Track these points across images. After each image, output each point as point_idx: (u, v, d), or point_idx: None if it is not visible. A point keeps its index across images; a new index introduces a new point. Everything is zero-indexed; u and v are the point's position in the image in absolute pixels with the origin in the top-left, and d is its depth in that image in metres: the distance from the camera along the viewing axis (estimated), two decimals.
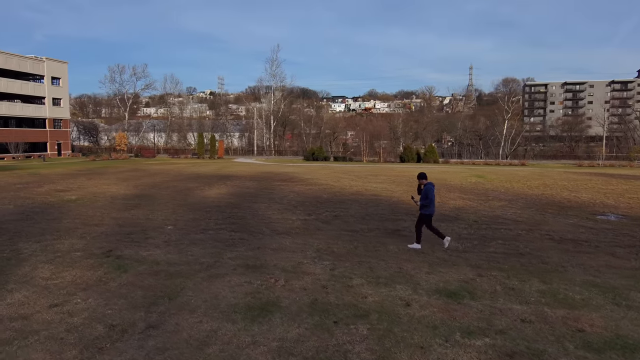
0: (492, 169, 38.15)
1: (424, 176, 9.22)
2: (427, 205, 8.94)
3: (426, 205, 8.95)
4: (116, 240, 9.44)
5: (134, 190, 18.90)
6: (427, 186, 9.01)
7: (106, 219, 12.01)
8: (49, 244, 9.05)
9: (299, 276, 7.11)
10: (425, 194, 8.94)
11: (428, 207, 8.96)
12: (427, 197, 8.90)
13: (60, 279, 6.90)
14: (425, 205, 8.97)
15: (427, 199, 8.90)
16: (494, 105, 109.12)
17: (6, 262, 7.80)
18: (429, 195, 8.89)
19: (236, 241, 9.49)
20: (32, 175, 27.10)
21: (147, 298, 6.15)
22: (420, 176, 9.23)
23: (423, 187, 9.09)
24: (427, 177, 9.27)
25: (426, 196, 8.92)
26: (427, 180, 9.19)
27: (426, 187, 9.00)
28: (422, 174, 9.30)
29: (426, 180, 9.17)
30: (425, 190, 8.97)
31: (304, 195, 17.65)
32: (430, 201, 8.89)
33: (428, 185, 9.02)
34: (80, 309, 5.72)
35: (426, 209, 8.98)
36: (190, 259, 8.07)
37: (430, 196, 8.90)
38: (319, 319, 5.49)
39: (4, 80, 52.30)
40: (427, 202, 8.91)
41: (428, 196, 8.89)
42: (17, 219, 11.81)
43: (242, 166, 39.57)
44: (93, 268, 7.45)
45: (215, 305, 5.91)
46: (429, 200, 8.89)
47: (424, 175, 9.25)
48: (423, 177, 9.20)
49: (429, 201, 8.89)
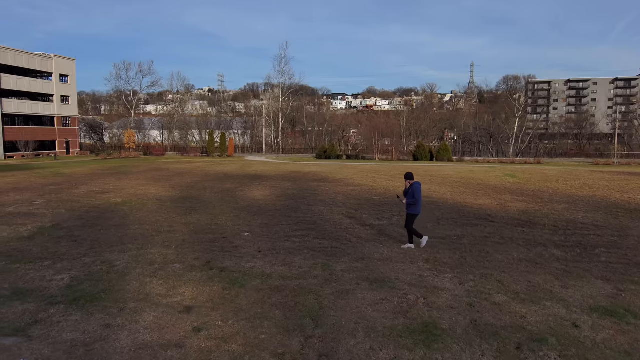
0: (516, 168, 37.74)
1: (411, 176, 9.44)
2: (413, 204, 9.15)
3: (412, 204, 9.15)
4: (205, 250, 8.94)
5: (174, 192, 18.35)
6: (414, 186, 9.21)
7: (174, 224, 11.48)
8: (137, 254, 8.53)
9: (433, 292, 6.64)
10: (412, 194, 9.13)
11: (415, 207, 9.17)
12: (413, 196, 9.12)
13: (180, 296, 6.40)
14: (411, 205, 9.17)
15: (413, 198, 9.11)
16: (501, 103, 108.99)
17: (106, 275, 7.29)
18: (415, 195, 9.09)
19: (331, 250, 9.00)
20: (57, 175, 26.46)
21: (290, 319, 5.66)
22: (407, 176, 9.45)
23: (410, 186, 9.27)
24: (414, 177, 9.49)
25: (412, 195, 9.13)
26: (414, 180, 9.39)
27: (413, 187, 9.20)
28: (409, 174, 9.53)
29: (413, 180, 9.38)
30: (412, 189, 9.17)
31: (353, 197, 17.16)
32: (416, 200, 9.11)
33: (415, 185, 9.21)
34: (230, 334, 5.23)
35: (412, 208, 9.19)
36: (300, 271, 7.58)
37: (417, 196, 9.10)
38: (496, 345, 5.03)
39: (13, 77, 51.40)
40: (413, 201, 9.13)
41: (414, 196, 9.10)
42: (80, 225, 11.27)
43: (261, 165, 38.99)
44: (206, 283, 6.94)
45: (371, 327, 5.44)
46: (415, 199, 9.10)
47: (411, 175, 9.47)
48: (410, 177, 9.42)
49: (415, 200, 9.10)
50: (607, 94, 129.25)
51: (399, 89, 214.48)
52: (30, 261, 8.01)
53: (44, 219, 12.16)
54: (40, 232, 10.41)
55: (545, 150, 67.50)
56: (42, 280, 7.03)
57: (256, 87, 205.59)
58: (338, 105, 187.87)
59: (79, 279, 7.06)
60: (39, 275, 7.22)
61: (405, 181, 9.46)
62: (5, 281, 6.96)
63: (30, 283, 6.90)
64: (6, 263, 7.87)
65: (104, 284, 6.84)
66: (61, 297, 6.33)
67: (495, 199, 16.78)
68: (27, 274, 7.32)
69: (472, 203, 15.84)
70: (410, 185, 9.27)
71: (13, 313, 5.76)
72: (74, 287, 6.73)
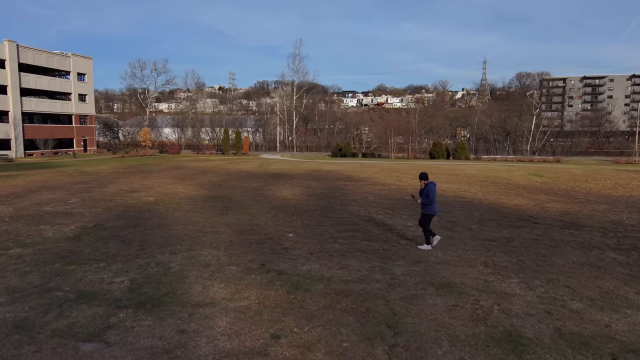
0: (538, 166, 37.18)
1: (426, 176, 9.41)
2: (428, 204, 9.11)
3: (427, 204, 9.11)
4: (255, 251, 8.81)
5: (202, 191, 18.29)
6: (428, 186, 9.17)
7: (216, 225, 11.38)
8: (188, 256, 8.43)
9: (504, 298, 6.43)
10: (427, 194, 9.09)
11: (430, 207, 9.13)
12: (427, 196, 9.07)
13: (246, 300, 6.27)
14: (426, 204, 9.13)
15: (428, 198, 9.07)
16: (514, 100, 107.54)
17: (164, 277, 7.19)
18: (430, 195, 9.04)
19: (383, 252, 8.82)
20: (82, 173, 26.60)
21: (365, 326, 5.50)
22: (422, 176, 9.43)
23: (425, 186, 9.24)
24: (428, 177, 9.45)
25: (427, 195, 9.08)
26: (428, 180, 9.35)
27: (427, 187, 9.16)
28: (423, 174, 9.50)
29: (427, 180, 9.34)
30: (427, 190, 9.13)
31: (385, 197, 16.95)
32: (431, 201, 9.06)
33: (430, 185, 9.17)
34: (310, 341, 5.08)
35: (428, 208, 9.15)
36: (360, 275, 7.42)
37: (432, 196, 9.05)
38: (590, 356, 4.82)
39: (32, 76, 51.95)
40: (428, 201, 9.08)
41: (429, 196, 9.05)
42: (122, 225, 11.22)
43: (279, 163, 38.89)
44: (268, 287, 6.81)
45: (452, 335, 5.26)
46: (429, 199, 9.05)
47: (426, 175, 9.44)
48: (425, 177, 9.39)
49: (430, 200, 9.05)
50: (624, 90, 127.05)
51: (409, 87, 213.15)
52: (84, 262, 7.94)
53: (83, 218, 12.14)
54: (85, 232, 10.37)
55: (563, 148, 66.48)
56: (102, 282, 6.96)
57: (266, 85, 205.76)
58: (349, 103, 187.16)
59: (139, 282, 6.97)
60: (97, 278, 7.15)
61: (420, 181, 9.45)
62: (66, 283, 6.90)
63: (91, 286, 6.82)
64: (61, 264, 7.81)
65: (166, 287, 6.74)
66: (126, 300, 6.24)
67: (530, 199, 16.46)
68: (85, 275, 7.25)
69: (508, 203, 15.54)
70: (425, 185, 9.28)
71: (84, 317, 5.68)
72: (135, 290, 6.64)
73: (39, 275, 7.23)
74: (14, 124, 49.60)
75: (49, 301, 6.17)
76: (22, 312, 5.79)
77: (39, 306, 6.00)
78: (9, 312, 5.78)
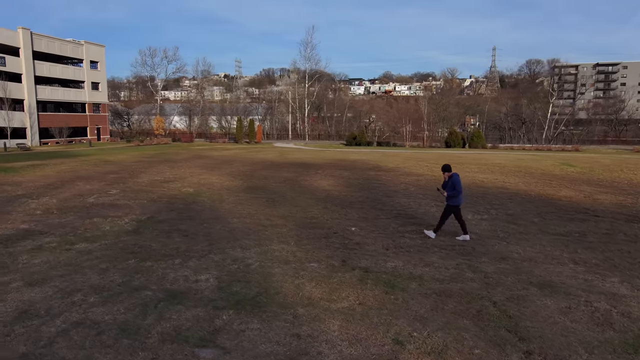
0: (564, 155, 36.62)
1: (449, 168, 9.27)
2: (454, 196, 9.01)
3: (454, 196, 9.01)
4: (327, 247, 8.52)
5: (237, 182, 18.00)
6: (453, 177, 9.06)
7: (271, 217, 11.10)
8: (261, 251, 8.15)
9: (615, 299, 6.11)
10: (453, 185, 8.99)
11: (456, 198, 9.03)
12: (454, 188, 8.96)
13: (346, 301, 5.99)
14: (452, 196, 9.03)
15: (454, 189, 8.95)
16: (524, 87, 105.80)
17: (249, 275, 6.91)
18: (457, 187, 8.94)
19: (460, 248, 8.50)
20: (106, 163, 26.39)
21: (486, 329, 5.21)
22: (445, 168, 9.30)
23: (448, 178, 9.14)
24: (451, 169, 9.31)
25: (453, 187, 8.97)
26: (451, 172, 9.23)
27: (453, 179, 9.05)
28: (446, 165, 9.35)
29: (451, 172, 9.22)
30: (452, 181, 9.02)
31: (426, 188, 16.59)
32: (457, 192, 8.96)
33: (454, 177, 9.06)
34: (439, 347, 4.79)
35: (454, 199, 9.05)
36: (450, 273, 7.11)
37: (458, 188, 8.95)
38: None
39: (46, 64, 51.58)
40: (454, 193, 8.97)
41: (455, 187, 8.95)
42: (177, 218, 10.96)
43: (298, 152, 38.54)
44: (361, 286, 6.52)
45: (584, 341, 4.95)
46: (456, 191, 8.95)
47: (449, 167, 9.30)
48: (448, 169, 9.25)
49: (457, 192, 8.95)
50: (637, 78, 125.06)
51: (416, 74, 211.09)
52: (158, 259, 7.68)
53: (133, 210, 11.89)
54: (143, 226, 10.12)
55: (579, 137, 65.62)
56: (187, 280, 6.69)
57: (272, 73, 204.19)
58: (356, 91, 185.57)
59: (224, 280, 6.70)
60: (180, 275, 6.89)
61: (444, 173, 9.30)
62: (149, 281, 6.64)
63: (176, 284, 6.56)
64: (136, 261, 7.56)
65: (256, 286, 6.46)
66: (221, 300, 5.97)
67: (576, 191, 16.05)
68: (166, 273, 6.99)
69: (556, 195, 15.15)
70: (449, 177, 9.14)
71: (186, 319, 5.42)
72: (225, 289, 6.37)
73: (118, 273, 6.98)
74: (29, 112, 49.39)
75: (141, 301, 5.92)
76: (119, 314, 5.54)
77: (134, 307, 5.74)
78: (107, 314, 5.54)
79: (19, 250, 8.16)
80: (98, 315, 5.49)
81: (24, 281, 6.59)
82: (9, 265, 7.30)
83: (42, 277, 6.78)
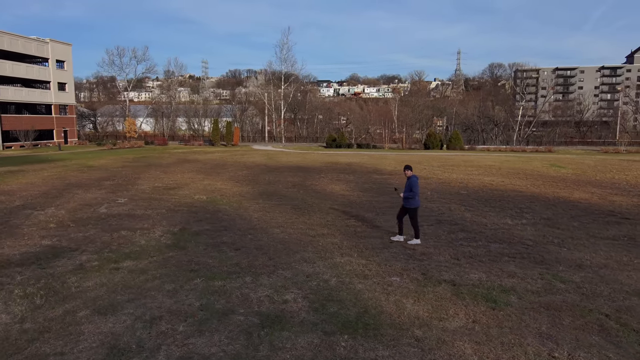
0: (545, 156, 37.76)
1: (411, 168, 9.18)
2: (411, 197, 8.88)
3: (410, 197, 8.88)
4: (394, 258, 8.12)
5: (245, 187, 17.29)
6: (411, 179, 8.91)
7: (313, 227, 10.56)
8: (329, 265, 7.64)
9: None
10: (410, 187, 8.86)
11: (413, 200, 8.90)
12: (411, 189, 8.85)
13: (458, 320, 5.61)
14: (409, 198, 8.89)
15: (411, 191, 8.84)
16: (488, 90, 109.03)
17: (334, 293, 6.41)
18: (413, 189, 8.82)
19: (529, 256, 8.30)
20: (91, 168, 24.86)
21: (624, 346, 4.98)
22: (407, 167, 9.18)
23: (407, 179, 9.01)
24: (412, 169, 9.21)
25: (410, 189, 8.85)
26: (412, 172, 9.12)
27: (410, 180, 8.90)
28: (409, 165, 9.28)
29: (411, 172, 9.09)
30: (410, 183, 8.87)
31: (446, 192, 16.48)
32: (414, 194, 8.84)
33: (413, 178, 8.92)
34: None
35: (411, 201, 8.92)
36: (540, 284, 6.86)
37: (415, 189, 8.83)
38: None
39: (9, 63, 48.45)
40: (411, 194, 8.85)
41: (412, 189, 8.83)
42: (212, 229, 10.23)
43: (285, 155, 37.84)
44: (460, 302, 6.17)
45: None
46: (413, 193, 8.83)
47: (410, 167, 9.22)
48: (409, 168, 9.16)
49: (413, 194, 8.83)
50: (593, 82, 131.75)
51: (382, 76, 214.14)
52: (225, 276, 7.04)
53: (156, 221, 11.06)
54: (181, 239, 9.36)
55: (548, 138, 68.13)
56: (272, 301, 6.12)
57: (238, 74, 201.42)
58: (325, 93, 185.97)
59: (313, 299, 6.18)
60: (262, 296, 6.30)
61: (405, 171, 9.15)
62: (233, 304, 6.02)
63: (263, 306, 5.98)
64: (202, 280, 6.89)
65: (351, 305, 5.98)
66: (324, 323, 5.46)
67: (587, 192, 16.37)
68: (245, 293, 6.39)
69: (571, 197, 15.38)
70: (407, 178, 8.99)
71: (302, 347, 4.87)
72: (320, 310, 5.85)
73: (191, 295, 6.31)
74: None
75: (238, 328, 5.32)
76: (225, 345, 4.93)
77: (236, 336, 5.14)
78: (211, 346, 4.91)
79: (61, 271, 7.31)
80: (202, 348, 4.87)
81: (91, 309, 5.83)
82: (60, 290, 6.48)
83: (107, 303, 6.03)
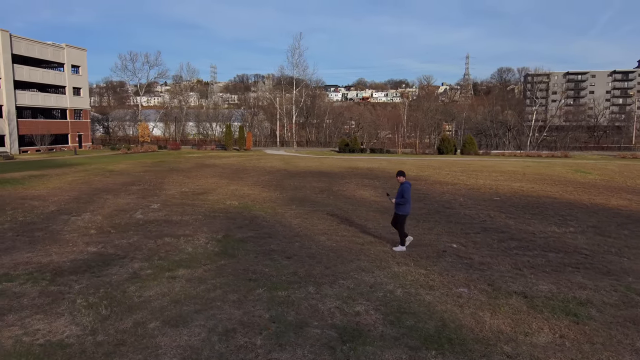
0: (566, 162, 37.29)
1: (403, 174, 9.03)
2: (402, 204, 8.74)
3: (402, 204, 8.74)
4: (454, 267, 7.89)
5: (274, 193, 17.12)
6: (404, 185, 8.79)
7: (358, 234, 10.35)
8: (388, 274, 7.42)
9: None
10: (401, 193, 8.72)
11: (404, 207, 8.77)
12: (402, 196, 8.71)
13: (544, 335, 5.37)
14: (400, 204, 8.76)
15: (402, 197, 8.70)
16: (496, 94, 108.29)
17: (404, 305, 6.19)
18: (405, 195, 8.69)
19: (591, 265, 8.04)
20: (113, 173, 24.84)
21: None
22: (400, 173, 9.05)
23: (400, 185, 8.86)
24: (405, 175, 9.05)
25: (402, 195, 8.71)
26: (405, 178, 8.95)
27: (403, 186, 8.77)
28: (401, 171, 9.13)
29: (404, 178, 8.93)
30: (402, 189, 8.74)
31: (479, 199, 16.19)
32: (406, 200, 8.71)
33: (405, 185, 8.79)
34: None
35: (401, 208, 8.77)
36: (616, 296, 6.60)
37: (407, 196, 8.69)
38: None
39: (26, 68, 48.90)
40: (402, 201, 8.72)
41: (404, 195, 8.70)
42: (255, 236, 10.03)
43: (301, 160, 37.70)
44: (538, 315, 5.92)
45: None
46: (404, 199, 8.70)
47: (403, 172, 9.06)
48: (402, 174, 9.01)
49: (405, 200, 8.70)
50: (605, 86, 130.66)
51: (389, 81, 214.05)
52: (286, 287, 6.85)
53: (196, 227, 10.91)
54: (228, 246, 9.19)
55: (562, 143, 67.50)
56: (344, 313, 5.92)
57: (246, 79, 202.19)
58: (333, 97, 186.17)
59: (385, 312, 5.97)
60: (332, 307, 6.09)
61: (397, 177, 9.02)
62: (304, 316, 5.82)
63: (336, 318, 5.78)
64: (264, 290, 6.70)
65: (427, 318, 5.76)
66: (405, 338, 5.25)
67: (624, 199, 16.03)
68: (314, 304, 6.18)
69: (609, 204, 15.05)
70: (400, 184, 8.84)
71: None
72: (395, 323, 5.64)
73: (258, 306, 6.12)
74: (9, 118, 46.59)
75: (318, 342, 5.12)
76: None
77: (319, 351, 4.94)
78: None
79: (117, 279, 7.15)
80: None
81: (160, 320, 5.65)
82: (123, 300, 6.31)
83: (175, 314, 5.85)
